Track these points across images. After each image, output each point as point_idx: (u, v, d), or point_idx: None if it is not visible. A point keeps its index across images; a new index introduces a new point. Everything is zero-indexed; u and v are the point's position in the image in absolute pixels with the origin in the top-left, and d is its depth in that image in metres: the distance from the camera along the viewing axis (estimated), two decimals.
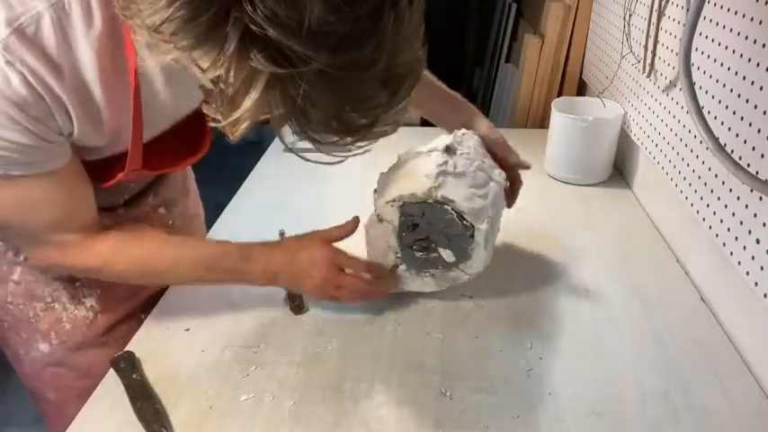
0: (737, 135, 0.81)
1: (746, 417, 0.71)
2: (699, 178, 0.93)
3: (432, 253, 0.84)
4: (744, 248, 0.79)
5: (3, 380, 0.94)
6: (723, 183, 0.85)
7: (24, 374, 0.93)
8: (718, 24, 0.87)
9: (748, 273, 0.78)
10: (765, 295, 0.74)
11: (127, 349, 0.81)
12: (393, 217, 0.83)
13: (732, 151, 0.81)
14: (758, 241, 0.76)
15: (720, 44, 0.86)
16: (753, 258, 0.77)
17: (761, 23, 0.76)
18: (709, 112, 0.88)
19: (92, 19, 0.61)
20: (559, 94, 1.65)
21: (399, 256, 0.85)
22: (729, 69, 0.84)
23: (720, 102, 0.86)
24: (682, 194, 0.98)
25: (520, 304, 0.90)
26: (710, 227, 0.88)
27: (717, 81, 0.87)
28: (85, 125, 0.66)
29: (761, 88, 0.76)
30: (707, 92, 0.89)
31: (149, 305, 0.91)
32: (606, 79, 1.39)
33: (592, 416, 0.71)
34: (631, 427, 0.69)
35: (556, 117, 1.26)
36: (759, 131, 0.76)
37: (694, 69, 0.92)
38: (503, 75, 2.00)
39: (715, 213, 0.87)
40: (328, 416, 0.71)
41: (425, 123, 1.92)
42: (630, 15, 1.22)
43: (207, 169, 1.11)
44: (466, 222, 0.81)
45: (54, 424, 0.92)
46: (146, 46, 0.60)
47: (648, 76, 1.14)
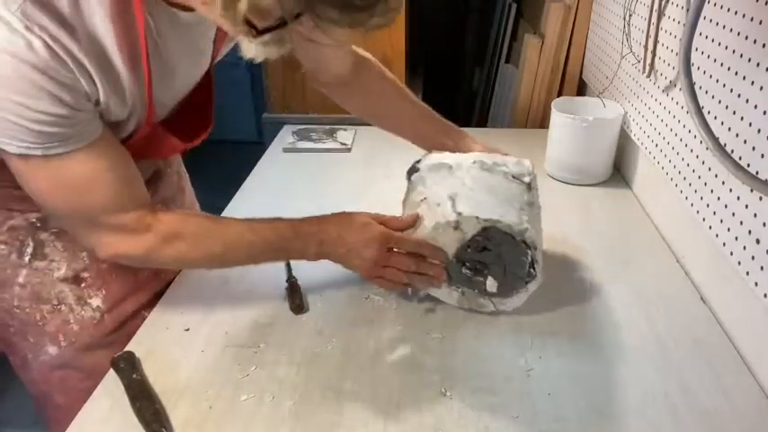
0: (737, 135, 0.81)
1: (746, 417, 0.71)
2: (699, 178, 0.93)
3: (478, 276, 0.84)
4: (744, 248, 0.79)
5: (3, 381, 0.94)
6: (723, 183, 0.85)
7: (32, 380, 0.93)
8: (718, 24, 0.87)
9: (748, 273, 0.78)
10: (765, 295, 0.74)
11: (127, 349, 0.81)
12: (472, 231, 0.81)
13: (732, 151, 0.81)
14: (758, 241, 0.76)
15: (720, 44, 0.86)
16: (753, 258, 0.77)
17: (761, 23, 0.76)
18: (709, 112, 0.88)
19: None
20: (559, 94, 1.65)
21: (445, 264, 0.84)
22: (729, 69, 0.84)
23: (720, 102, 0.86)
24: (682, 194, 0.98)
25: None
26: (710, 227, 0.88)
27: (717, 81, 0.87)
28: (109, 93, 0.67)
29: (761, 88, 0.76)
30: (707, 92, 0.89)
31: (154, 303, 0.91)
32: (606, 79, 1.39)
33: (592, 416, 0.71)
34: (631, 427, 0.69)
35: (556, 117, 1.26)
36: (759, 131, 0.76)
37: (694, 69, 0.92)
38: (503, 75, 2.00)
39: (715, 213, 0.87)
40: (328, 416, 0.71)
41: None
42: (630, 15, 1.22)
43: (206, 170, 1.11)
44: (533, 271, 0.82)
45: (63, 428, 0.92)
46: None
47: (648, 76, 1.14)
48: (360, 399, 0.74)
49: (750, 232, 0.78)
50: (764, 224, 0.75)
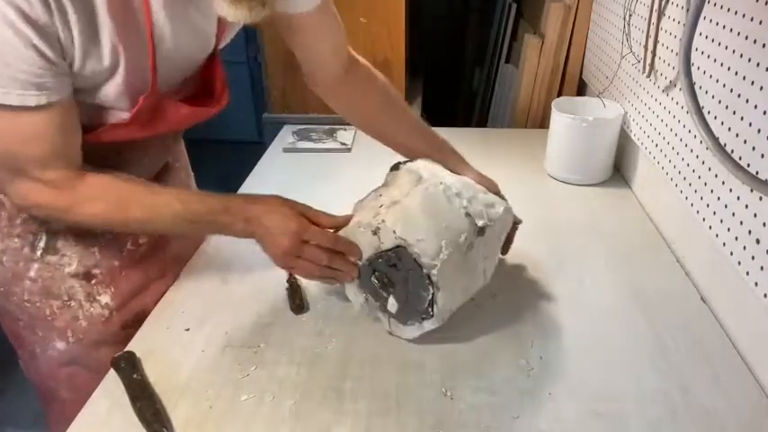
0: (737, 135, 0.81)
1: (746, 417, 0.71)
2: (699, 178, 0.93)
3: (383, 291, 0.81)
4: (744, 248, 0.79)
5: (3, 381, 0.94)
6: (723, 183, 0.85)
7: (39, 374, 0.93)
8: (718, 24, 0.87)
9: (748, 273, 0.78)
10: (765, 295, 0.74)
11: (127, 349, 0.81)
12: (387, 243, 0.78)
13: (732, 151, 0.81)
14: (758, 241, 0.76)
15: (720, 44, 0.86)
16: (753, 258, 0.77)
17: (761, 23, 0.76)
18: (709, 112, 0.88)
19: None
20: (559, 94, 1.65)
21: (359, 264, 0.82)
22: (729, 69, 0.84)
23: (720, 102, 0.86)
24: (682, 194, 0.98)
25: (520, 304, 0.90)
26: (710, 227, 0.88)
27: (717, 81, 0.87)
28: (88, 43, 0.67)
29: (761, 88, 0.76)
30: (707, 92, 0.89)
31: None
32: (606, 79, 1.39)
33: (592, 416, 0.71)
34: (631, 427, 0.69)
35: (556, 117, 1.26)
36: (759, 131, 0.76)
37: (694, 69, 0.92)
38: (503, 75, 2.00)
39: (715, 213, 0.87)
40: (328, 416, 0.71)
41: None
42: (630, 15, 1.22)
43: (206, 170, 1.11)
44: (431, 310, 0.78)
45: (68, 423, 0.92)
46: None
47: (648, 76, 1.15)
48: (360, 399, 0.74)
49: (750, 232, 0.78)
50: (764, 224, 0.75)
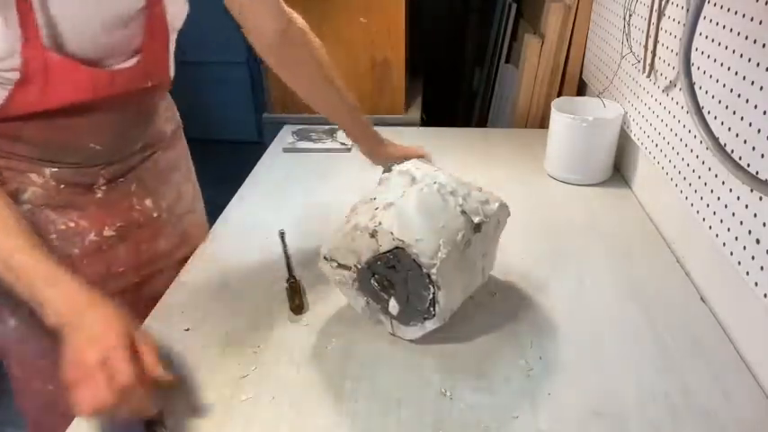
0: (737, 135, 0.81)
1: (746, 417, 0.71)
2: (699, 178, 0.93)
3: (384, 293, 0.81)
4: (744, 248, 0.79)
5: (4, 382, 0.95)
6: (723, 183, 0.85)
7: None
8: (718, 24, 0.87)
9: (748, 273, 0.78)
10: (765, 295, 0.74)
11: None
12: (386, 246, 0.77)
13: (732, 151, 0.81)
14: (758, 241, 0.76)
15: (720, 44, 0.86)
16: (753, 258, 0.77)
17: (761, 23, 0.76)
18: (709, 112, 0.88)
19: None
20: (559, 94, 1.65)
21: (358, 268, 0.82)
22: (729, 69, 0.84)
23: (720, 102, 0.86)
24: (682, 194, 0.98)
25: (519, 304, 0.90)
26: (710, 227, 0.88)
27: (717, 81, 0.87)
28: None
29: (761, 88, 0.76)
30: (707, 92, 0.89)
31: (130, 294, 0.91)
32: (606, 79, 1.39)
33: (592, 416, 0.71)
34: (631, 428, 0.69)
35: (556, 117, 1.26)
36: (759, 131, 0.76)
37: (694, 69, 0.92)
38: (503, 75, 2.00)
39: (715, 213, 0.87)
40: (328, 416, 0.71)
41: (425, 123, 1.93)
42: (630, 15, 1.22)
43: (206, 169, 1.11)
44: (432, 309, 0.78)
45: (20, 400, 0.92)
46: None
47: (648, 76, 1.15)
48: (360, 399, 0.74)
49: (750, 232, 0.78)
50: (764, 224, 0.75)
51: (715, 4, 0.87)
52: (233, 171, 1.47)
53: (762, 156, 0.75)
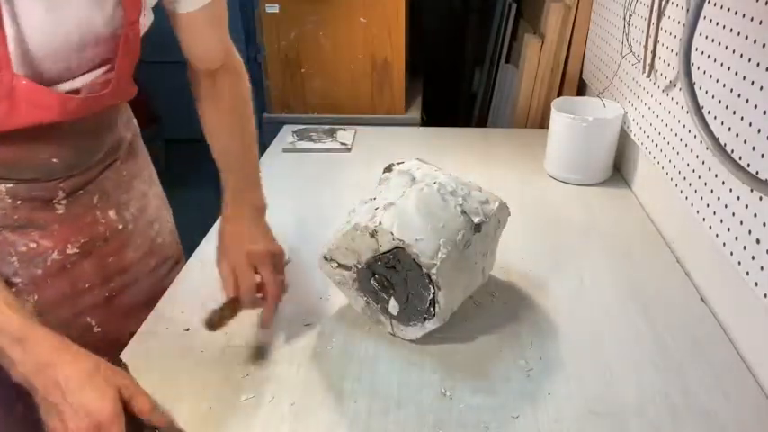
0: (737, 135, 0.81)
1: (746, 417, 0.71)
2: (699, 178, 0.93)
3: (383, 293, 0.81)
4: (744, 248, 0.79)
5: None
6: (723, 183, 0.85)
7: None
8: (718, 24, 0.87)
9: (748, 273, 0.78)
10: (765, 295, 0.74)
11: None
12: (386, 246, 0.77)
13: (732, 151, 0.81)
14: (758, 241, 0.76)
15: (720, 44, 0.86)
16: (753, 258, 0.77)
17: (761, 23, 0.76)
18: (709, 112, 0.88)
19: None
20: (559, 94, 1.65)
21: (358, 268, 0.82)
22: (729, 69, 0.84)
23: (720, 102, 0.86)
24: (682, 194, 0.98)
25: (519, 304, 0.90)
26: (710, 227, 0.88)
27: (717, 81, 0.87)
28: None
29: (761, 88, 0.76)
30: (707, 92, 0.89)
31: (100, 309, 0.89)
32: (606, 79, 1.39)
33: (592, 416, 0.71)
34: (631, 428, 0.69)
35: (556, 117, 1.26)
36: (759, 131, 0.76)
37: (694, 69, 0.92)
38: (503, 75, 2.00)
39: (715, 213, 0.87)
40: (328, 416, 0.71)
41: (425, 123, 1.93)
42: (630, 15, 1.22)
43: (206, 169, 1.11)
44: (433, 309, 0.78)
45: None
46: None
47: (648, 76, 1.15)
48: (359, 399, 0.74)
49: (750, 232, 0.78)
50: (764, 224, 0.75)
51: (715, 4, 0.87)
52: None
53: (762, 156, 0.75)
